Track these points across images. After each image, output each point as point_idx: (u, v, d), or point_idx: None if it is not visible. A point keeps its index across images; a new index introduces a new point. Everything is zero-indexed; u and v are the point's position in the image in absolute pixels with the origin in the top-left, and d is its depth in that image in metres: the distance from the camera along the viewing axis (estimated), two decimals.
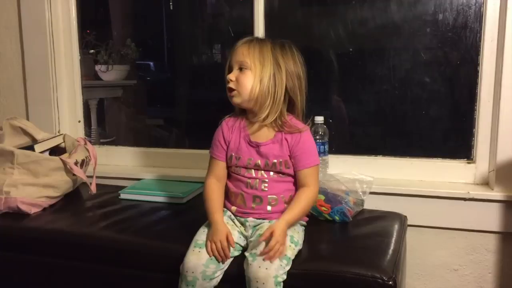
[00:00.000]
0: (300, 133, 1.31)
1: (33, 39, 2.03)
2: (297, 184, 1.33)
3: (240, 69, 1.29)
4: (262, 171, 1.32)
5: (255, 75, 1.28)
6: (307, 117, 1.38)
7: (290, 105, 1.34)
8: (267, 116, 1.29)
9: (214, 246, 1.21)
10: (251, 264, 1.14)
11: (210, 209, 1.31)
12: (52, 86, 2.05)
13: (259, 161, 1.32)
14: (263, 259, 1.14)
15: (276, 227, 1.19)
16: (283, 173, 1.32)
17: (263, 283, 1.11)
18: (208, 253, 1.20)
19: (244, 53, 1.29)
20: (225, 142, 1.37)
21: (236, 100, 1.31)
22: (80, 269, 1.41)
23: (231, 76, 1.30)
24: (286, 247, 1.19)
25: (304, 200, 1.29)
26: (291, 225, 1.26)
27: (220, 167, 1.38)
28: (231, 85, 1.30)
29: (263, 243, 1.18)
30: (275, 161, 1.31)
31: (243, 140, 1.34)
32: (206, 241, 1.23)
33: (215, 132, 1.40)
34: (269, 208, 1.31)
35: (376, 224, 1.48)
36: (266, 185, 1.32)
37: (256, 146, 1.32)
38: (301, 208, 1.28)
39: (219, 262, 1.20)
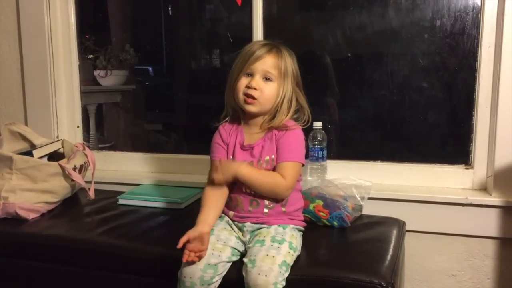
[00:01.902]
0: (287, 130, 1.32)
1: (32, 44, 2.03)
2: None
3: (265, 78, 1.30)
4: None
5: (280, 88, 1.30)
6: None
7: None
8: (281, 120, 1.32)
9: (183, 240, 1.20)
10: (250, 271, 1.13)
11: (200, 211, 1.31)
12: (51, 91, 2.05)
13: (252, 162, 1.33)
14: None
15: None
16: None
17: None
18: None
19: (272, 64, 1.30)
20: (224, 143, 1.38)
21: (254, 108, 1.32)
22: (78, 274, 1.41)
23: (255, 84, 1.30)
24: (284, 254, 1.18)
25: (273, 179, 1.28)
26: (244, 173, 1.25)
27: None
28: (256, 94, 1.30)
29: (261, 250, 1.18)
30: (267, 157, 1.32)
31: (238, 144, 1.36)
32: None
33: (213, 138, 1.40)
34: (265, 210, 1.32)
35: (375, 230, 1.48)
36: None
37: (250, 148, 1.34)
38: (265, 178, 1.28)
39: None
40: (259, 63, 1.30)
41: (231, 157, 1.35)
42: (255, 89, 1.29)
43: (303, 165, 1.35)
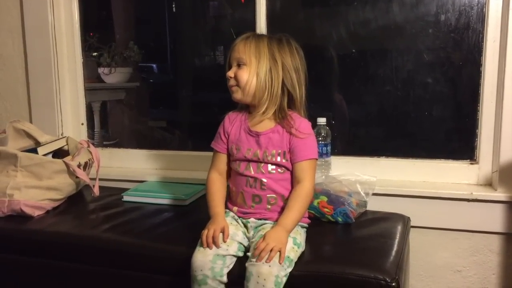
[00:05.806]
0: (300, 127, 1.32)
1: (36, 42, 2.04)
2: (293, 180, 1.33)
3: (238, 65, 1.33)
4: (261, 169, 1.32)
5: (250, 70, 1.31)
6: (310, 116, 1.39)
7: (290, 99, 1.35)
8: (266, 109, 1.32)
9: (206, 232, 1.23)
10: (254, 263, 1.14)
11: (211, 203, 1.35)
12: (55, 89, 2.06)
13: (258, 151, 1.33)
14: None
15: (268, 232, 1.20)
16: (281, 165, 1.32)
17: (264, 279, 1.11)
18: (202, 240, 1.22)
19: (240, 49, 1.33)
20: (224, 135, 1.40)
21: (236, 96, 1.35)
22: (83, 271, 1.41)
23: (230, 73, 1.34)
24: (288, 250, 1.19)
25: (300, 200, 1.29)
26: (290, 228, 1.25)
27: (221, 160, 1.41)
28: (231, 82, 1.34)
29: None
30: (274, 151, 1.32)
31: (243, 131, 1.37)
32: (204, 229, 1.25)
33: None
34: (268, 206, 1.32)
35: (379, 226, 1.48)
36: (265, 183, 1.32)
37: (256, 135, 1.34)
38: (297, 210, 1.27)
39: (204, 248, 1.20)
40: (233, 52, 1.34)
41: (235, 149, 1.36)
42: (230, 77, 1.34)
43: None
